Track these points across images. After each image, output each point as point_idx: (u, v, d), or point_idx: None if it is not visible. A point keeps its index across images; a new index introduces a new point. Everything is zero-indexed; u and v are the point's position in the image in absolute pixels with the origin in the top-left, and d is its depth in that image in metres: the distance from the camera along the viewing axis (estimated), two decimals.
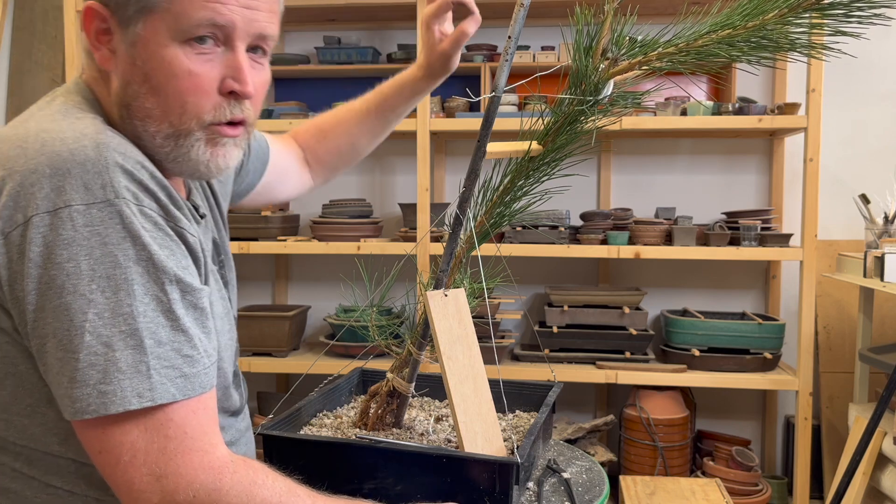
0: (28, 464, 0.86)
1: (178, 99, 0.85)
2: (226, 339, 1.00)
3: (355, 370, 1.51)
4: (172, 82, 0.84)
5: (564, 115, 1.15)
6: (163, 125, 0.86)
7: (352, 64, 2.96)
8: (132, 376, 0.77)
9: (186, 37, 0.83)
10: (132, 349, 0.77)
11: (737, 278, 3.03)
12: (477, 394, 1.15)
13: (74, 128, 0.81)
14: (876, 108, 2.93)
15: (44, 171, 0.77)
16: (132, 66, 0.85)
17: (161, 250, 0.80)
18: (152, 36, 0.83)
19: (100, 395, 0.76)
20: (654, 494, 2.35)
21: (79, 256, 0.76)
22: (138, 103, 0.86)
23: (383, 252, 2.69)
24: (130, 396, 0.76)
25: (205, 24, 0.83)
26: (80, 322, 0.76)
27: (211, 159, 0.89)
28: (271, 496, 0.82)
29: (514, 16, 1.03)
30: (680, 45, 1.06)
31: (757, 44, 1.03)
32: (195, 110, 0.86)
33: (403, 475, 1.06)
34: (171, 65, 0.84)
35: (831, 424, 2.86)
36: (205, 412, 0.82)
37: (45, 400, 0.83)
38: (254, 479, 0.82)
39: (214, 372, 0.85)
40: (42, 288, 0.76)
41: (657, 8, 2.75)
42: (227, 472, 0.81)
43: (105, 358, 0.76)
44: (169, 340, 0.79)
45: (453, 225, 1.16)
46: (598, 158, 3.06)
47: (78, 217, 0.76)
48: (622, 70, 1.11)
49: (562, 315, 2.79)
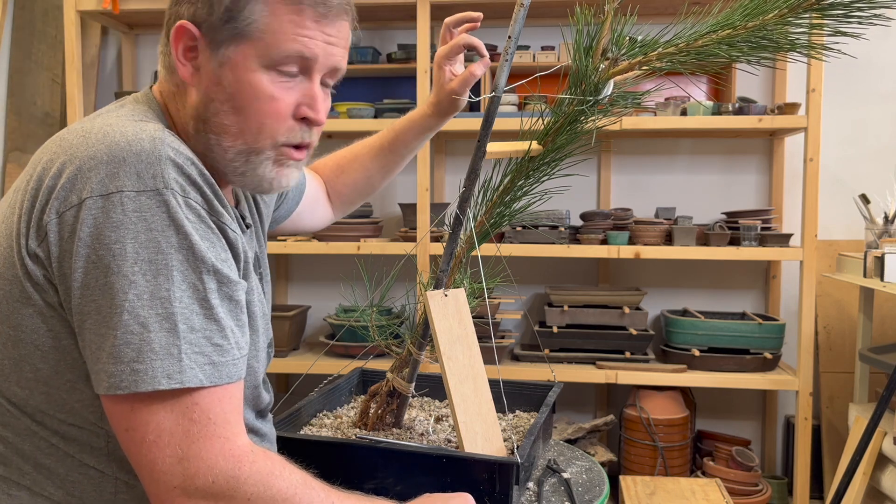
0: (65, 439, 0.89)
1: (257, 120, 0.91)
2: (262, 341, 1.04)
3: (355, 370, 1.51)
4: (255, 104, 0.91)
5: (564, 115, 1.15)
6: (237, 142, 0.92)
7: (352, 64, 2.96)
8: (164, 358, 0.80)
9: (274, 65, 0.91)
10: (166, 332, 0.80)
11: (737, 278, 3.03)
12: (477, 394, 1.15)
13: (137, 127, 0.86)
14: (876, 108, 2.93)
15: (101, 157, 0.82)
16: (217, 84, 0.91)
17: (202, 241, 0.84)
18: (242, 60, 0.90)
19: (132, 372, 0.79)
20: (654, 494, 2.35)
21: (125, 239, 0.80)
22: (217, 119, 0.92)
23: (383, 252, 2.69)
24: (160, 377, 0.80)
25: (293, 56, 0.91)
26: (121, 301, 0.80)
27: (275, 178, 0.96)
28: (287, 487, 0.85)
29: (514, 16, 1.03)
30: (680, 45, 1.06)
31: (757, 44, 1.04)
32: (271, 132, 0.93)
33: (403, 475, 1.06)
34: (256, 88, 0.90)
35: (831, 424, 2.86)
36: (230, 401, 0.84)
37: (85, 376, 0.86)
38: (272, 469, 0.85)
39: (244, 365, 0.88)
40: (89, 266, 0.81)
41: (657, 8, 2.75)
42: (247, 461, 0.83)
43: (140, 338, 0.80)
44: (201, 328, 0.83)
45: (453, 225, 1.16)
46: (598, 158, 3.06)
47: (128, 202, 0.81)
48: (622, 70, 1.11)
49: (562, 315, 2.79)
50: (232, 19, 0.89)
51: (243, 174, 0.95)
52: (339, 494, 0.90)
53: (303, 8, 0.90)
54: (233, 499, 0.82)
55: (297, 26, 0.90)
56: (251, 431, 1.02)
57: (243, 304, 0.89)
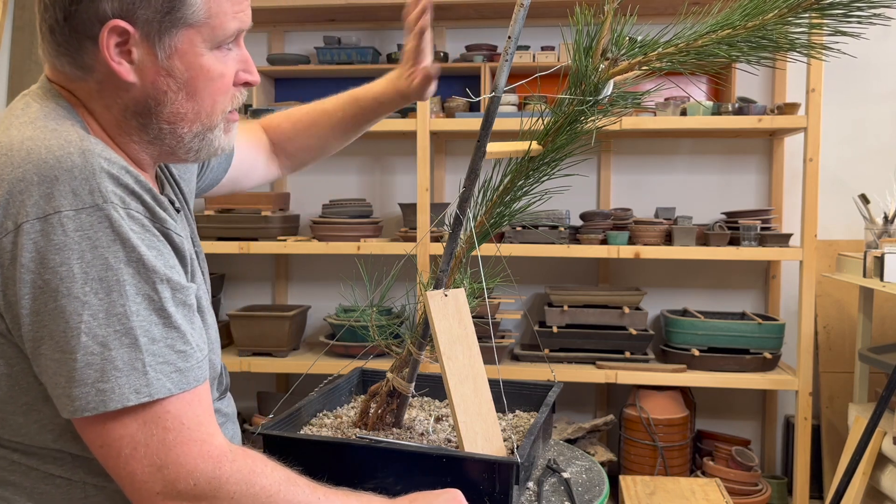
0: (26, 455, 0.88)
1: (211, 99, 0.93)
2: (213, 333, 1.04)
3: (355, 370, 1.51)
4: (209, 86, 0.92)
5: (564, 116, 1.15)
6: (195, 126, 0.93)
7: (352, 64, 2.96)
8: (129, 373, 0.79)
9: (220, 45, 0.92)
10: (127, 347, 0.80)
11: (737, 278, 3.04)
12: (477, 394, 1.15)
13: (58, 136, 0.84)
14: (876, 108, 2.93)
15: (32, 178, 0.80)
16: (168, 76, 0.90)
17: (149, 251, 0.83)
18: (189, 47, 0.90)
19: (98, 392, 0.79)
20: (654, 494, 2.35)
21: (71, 260, 0.79)
22: (172, 108, 0.91)
23: (383, 252, 2.69)
24: (128, 393, 0.79)
25: (232, 34, 0.93)
26: (76, 324, 0.78)
27: (226, 143, 0.98)
28: (270, 484, 0.85)
29: (514, 16, 1.03)
30: (680, 45, 1.06)
31: (757, 44, 1.04)
32: (222, 107, 0.95)
33: (403, 475, 1.06)
34: (209, 71, 0.91)
35: (831, 424, 2.86)
36: (200, 404, 0.84)
37: (42, 398, 0.85)
38: (252, 467, 0.85)
39: (206, 365, 0.88)
40: (36, 292, 0.79)
41: (657, 8, 2.75)
42: (227, 461, 0.83)
43: (101, 357, 0.79)
44: (162, 337, 0.82)
45: (453, 225, 1.16)
46: (598, 158, 3.06)
47: (68, 222, 0.79)
48: (622, 70, 1.11)
49: (562, 315, 2.79)
50: (173, 9, 0.87)
51: (198, 150, 0.96)
52: (324, 490, 0.90)
53: None
54: (216, 498, 0.82)
55: (233, 4, 0.92)
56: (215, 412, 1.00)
57: (195, 307, 0.89)
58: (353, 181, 3.19)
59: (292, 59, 3.01)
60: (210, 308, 1.05)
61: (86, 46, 0.88)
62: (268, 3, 2.86)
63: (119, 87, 0.90)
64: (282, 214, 2.91)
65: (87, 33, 0.87)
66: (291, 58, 3.01)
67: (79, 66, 0.90)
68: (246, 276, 3.26)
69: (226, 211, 2.91)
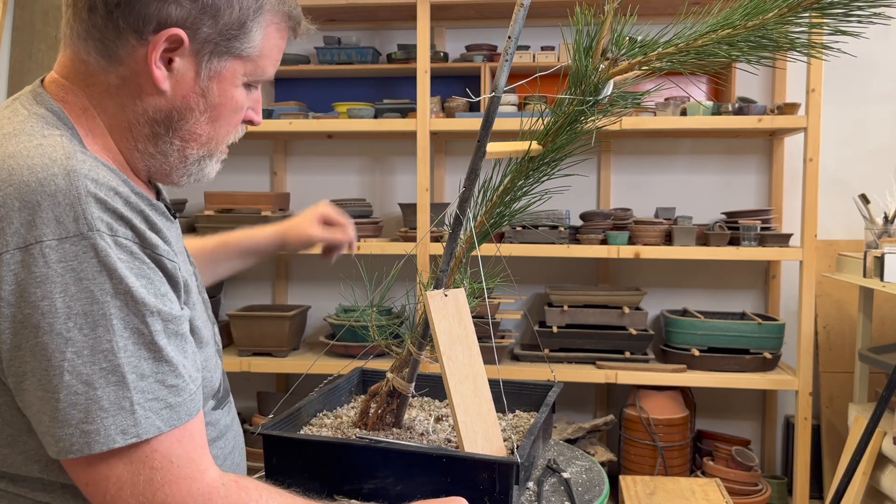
0: (13, 483, 0.86)
1: (226, 130, 0.95)
2: (211, 350, 1.00)
3: (355, 370, 1.51)
4: (230, 116, 0.94)
5: (564, 116, 1.15)
6: (203, 149, 0.93)
7: (352, 64, 2.96)
8: (115, 413, 0.75)
9: (251, 82, 0.94)
10: (114, 386, 0.76)
11: (737, 278, 3.04)
12: (477, 394, 1.15)
13: (42, 153, 0.79)
14: (876, 108, 2.93)
15: (12, 204, 0.76)
16: (201, 96, 0.89)
17: (138, 280, 0.78)
18: (230, 76, 0.91)
19: (83, 434, 0.75)
20: (654, 494, 2.35)
21: (53, 294, 0.74)
22: (191, 128, 0.91)
23: (383, 252, 2.69)
24: (114, 434, 0.75)
25: (269, 77, 0.95)
26: (59, 362, 0.74)
27: (212, 171, 0.98)
28: None
29: (514, 16, 1.03)
30: (680, 45, 1.06)
31: (757, 43, 1.04)
32: (231, 138, 0.97)
33: (403, 475, 1.06)
34: (236, 102, 0.93)
35: (831, 424, 2.86)
36: (191, 439, 0.81)
37: (26, 429, 0.82)
38: (246, 499, 0.82)
39: (200, 395, 0.85)
40: (17, 327, 0.75)
41: (657, 8, 2.75)
42: (218, 497, 0.80)
43: (86, 397, 0.75)
44: (152, 372, 0.78)
45: (453, 225, 1.16)
46: (598, 158, 3.06)
47: (50, 253, 0.74)
48: (622, 70, 1.11)
49: (562, 315, 2.79)
50: (234, 38, 0.88)
51: (191, 175, 0.95)
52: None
53: (286, 34, 0.95)
54: None
55: (279, 51, 0.95)
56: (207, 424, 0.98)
57: (188, 335, 0.85)
58: (353, 181, 3.19)
59: (292, 59, 3.01)
60: (208, 323, 1.02)
61: (126, 38, 0.85)
62: None
63: (143, 90, 0.87)
64: (282, 214, 2.91)
65: (136, 27, 0.84)
66: (291, 58, 3.01)
67: (107, 55, 0.86)
68: (246, 276, 3.26)
69: (226, 211, 2.91)
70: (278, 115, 2.86)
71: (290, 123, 2.81)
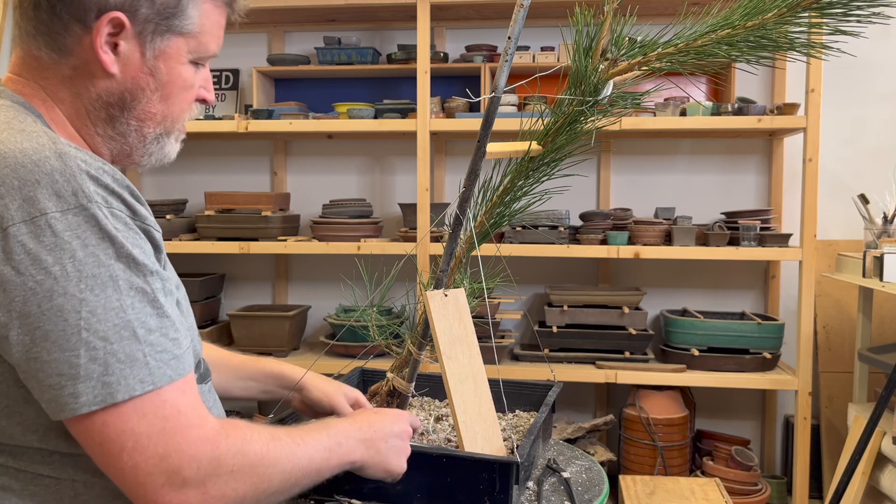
0: (13, 457, 0.88)
1: (179, 107, 0.99)
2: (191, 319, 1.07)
3: (355, 370, 1.51)
4: (181, 94, 0.98)
5: (564, 116, 1.15)
6: (159, 127, 0.98)
7: (352, 64, 2.96)
8: (131, 365, 0.81)
9: (198, 59, 0.99)
10: (128, 340, 0.81)
11: (736, 278, 3.04)
12: (477, 394, 1.15)
13: (28, 138, 0.85)
14: (875, 108, 2.93)
15: (12, 183, 0.81)
16: (150, 75, 0.95)
17: (135, 248, 0.85)
18: (175, 54, 0.95)
19: (104, 386, 0.80)
20: (654, 494, 2.35)
21: (63, 260, 0.80)
22: (144, 107, 0.96)
23: (383, 252, 2.69)
24: (133, 383, 0.81)
25: (210, 56, 1.00)
26: (75, 321, 0.79)
27: (172, 151, 1.03)
28: (260, 448, 0.89)
29: (514, 16, 1.03)
30: (679, 45, 1.06)
31: (756, 43, 1.04)
32: (185, 116, 1.01)
33: (404, 474, 1.07)
34: (186, 80, 0.98)
35: (831, 424, 2.86)
36: (191, 389, 0.87)
37: (23, 399, 0.85)
38: (244, 436, 0.88)
39: (192, 353, 0.91)
40: (28, 294, 0.79)
41: (657, 8, 2.75)
42: (222, 438, 0.86)
43: (104, 351, 0.80)
44: (157, 327, 0.84)
45: (453, 225, 1.16)
46: (598, 158, 3.06)
47: (56, 224, 0.80)
48: (622, 70, 1.11)
49: (561, 315, 2.79)
50: (173, 16, 0.93)
51: (151, 154, 1.00)
52: (300, 434, 0.95)
53: (224, 10, 1.00)
54: (218, 476, 0.84)
55: (219, 28, 1.00)
56: None
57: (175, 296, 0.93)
58: (353, 181, 3.19)
59: (292, 60, 3.01)
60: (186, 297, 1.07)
61: (72, 29, 0.91)
62: (268, 3, 2.86)
63: (95, 76, 0.93)
64: (282, 214, 2.91)
65: (79, 17, 0.90)
66: (291, 58, 3.01)
67: (56, 48, 0.92)
68: (246, 276, 3.26)
69: (226, 211, 2.91)
70: (278, 115, 2.86)
71: (290, 124, 2.81)
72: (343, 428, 1.02)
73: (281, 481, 0.91)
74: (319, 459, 0.96)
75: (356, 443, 1.02)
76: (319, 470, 0.96)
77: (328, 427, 1.01)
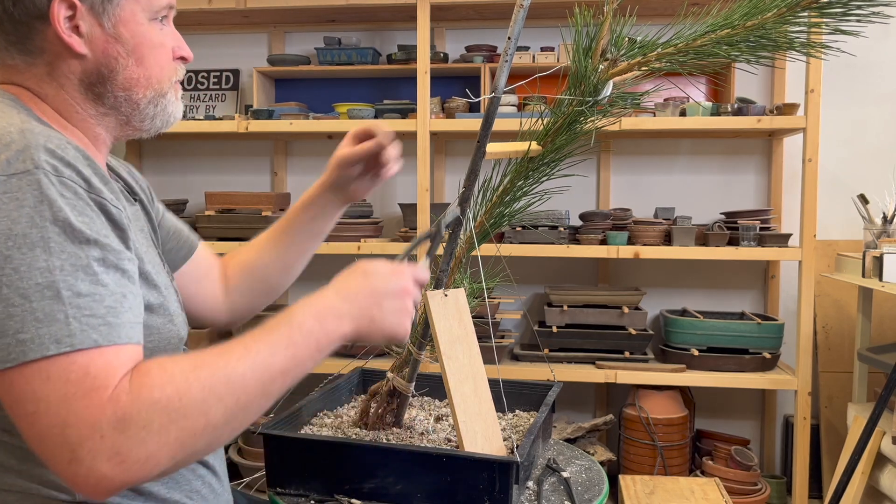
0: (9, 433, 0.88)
1: (157, 66, 1.01)
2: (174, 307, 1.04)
3: (355, 370, 1.51)
4: (153, 53, 1.00)
5: (564, 116, 1.15)
6: (148, 91, 1.00)
7: (352, 64, 2.96)
8: (50, 324, 0.77)
9: (154, 17, 1.01)
10: (49, 300, 0.78)
11: (736, 278, 3.04)
12: (477, 393, 1.15)
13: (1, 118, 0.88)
14: (875, 108, 2.93)
15: None
16: (117, 42, 0.97)
17: (79, 217, 0.82)
18: (131, 17, 0.98)
19: (18, 343, 0.77)
20: (654, 494, 2.35)
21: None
22: (125, 74, 0.98)
23: (384, 252, 2.69)
24: (48, 342, 0.77)
25: (164, 7, 1.02)
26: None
27: (176, 109, 1.05)
28: (177, 387, 0.79)
29: (513, 16, 1.03)
30: (679, 45, 1.06)
31: (756, 43, 1.04)
32: (168, 74, 1.03)
33: (403, 474, 1.07)
34: (151, 39, 1.00)
35: (830, 424, 2.86)
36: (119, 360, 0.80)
37: None
38: (151, 382, 0.79)
39: (140, 332, 0.85)
40: None
41: (656, 9, 2.75)
42: (123, 394, 0.77)
43: (22, 308, 0.77)
44: (89, 293, 0.80)
45: (453, 225, 1.16)
46: (598, 158, 3.06)
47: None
48: (622, 71, 1.11)
49: (561, 315, 2.80)
50: None
51: (153, 117, 1.02)
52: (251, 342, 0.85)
53: None
54: (129, 438, 0.76)
55: None
56: None
57: (133, 274, 0.87)
58: None
59: (292, 60, 3.01)
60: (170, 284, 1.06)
61: (36, 27, 0.94)
62: (268, 3, 2.86)
63: (70, 62, 0.96)
64: (282, 215, 2.91)
65: (36, 13, 0.93)
66: (291, 58, 3.01)
67: (28, 51, 0.95)
68: None
69: (226, 211, 2.91)
70: (279, 115, 2.86)
71: (290, 124, 2.81)
72: (316, 308, 0.92)
73: (226, 409, 0.81)
74: (282, 360, 0.86)
75: (338, 319, 0.92)
76: (286, 370, 0.87)
77: (290, 317, 0.90)
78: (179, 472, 1.02)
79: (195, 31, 3.21)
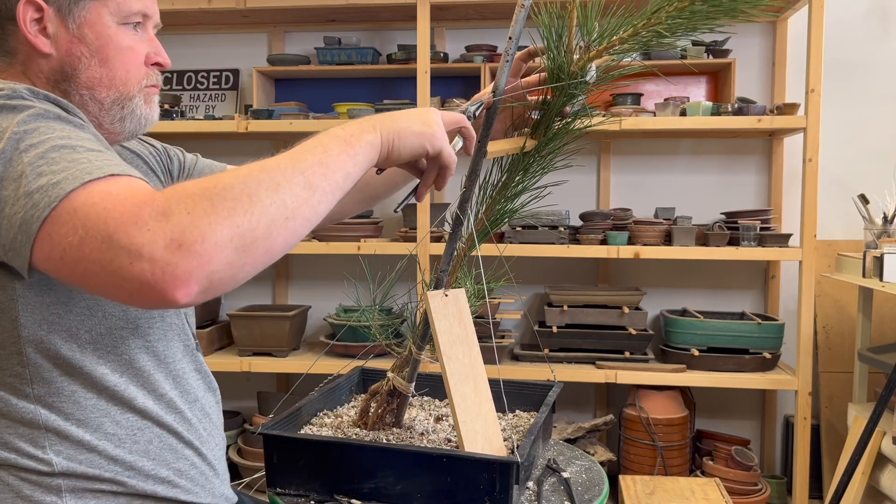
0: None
1: (123, 69, 1.05)
2: None
3: (355, 369, 1.51)
4: (118, 55, 1.04)
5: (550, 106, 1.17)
6: (111, 91, 1.05)
7: (352, 64, 2.96)
8: (77, 165, 0.82)
9: (124, 21, 1.05)
10: (69, 151, 0.84)
11: (736, 278, 3.04)
12: (477, 394, 1.15)
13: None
14: (875, 109, 2.93)
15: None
16: (81, 42, 1.02)
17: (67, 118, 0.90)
18: (97, 19, 1.03)
19: (54, 186, 0.80)
20: (654, 494, 2.35)
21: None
22: (88, 73, 1.03)
23: (383, 252, 2.69)
24: (82, 175, 0.81)
25: (136, 14, 1.06)
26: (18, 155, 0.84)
27: (148, 114, 1.09)
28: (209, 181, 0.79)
29: (514, 16, 1.04)
30: (638, 25, 1.07)
31: (708, 13, 1.03)
32: (136, 78, 1.07)
33: (403, 475, 1.07)
34: (117, 42, 1.04)
35: (830, 424, 2.86)
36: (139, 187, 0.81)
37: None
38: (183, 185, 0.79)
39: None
40: None
41: None
42: (159, 195, 0.78)
43: (49, 165, 0.82)
44: (101, 150, 0.87)
45: (453, 224, 1.16)
46: (598, 159, 3.06)
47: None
48: (596, 55, 1.13)
49: (561, 315, 2.80)
50: None
51: (122, 119, 1.06)
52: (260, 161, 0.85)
53: None
54: (177, 224, 0.75)
55: None
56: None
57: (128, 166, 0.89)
58: None
59: (292, 60, 3.01)
60: None
61: (9, 29, 1.01)
62: (268, 3, 2.86)
63: (38, 62, 1.02)
64: None
65: (8, 16, 1.00)
66: (291, 58, 3.01)
67: (6, 52, 1.02)
68: None
69: None
70: (278, 115, 2.86)
71: (290, 124, 2.81)
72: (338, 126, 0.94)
73: (267, 188, 0.79)
74: (314, 155, 0.86)
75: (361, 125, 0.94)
76: (322, 162, 0.86)
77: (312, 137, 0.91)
78: (162, 448, 1.07)
79: (195, 30, 3.21)
